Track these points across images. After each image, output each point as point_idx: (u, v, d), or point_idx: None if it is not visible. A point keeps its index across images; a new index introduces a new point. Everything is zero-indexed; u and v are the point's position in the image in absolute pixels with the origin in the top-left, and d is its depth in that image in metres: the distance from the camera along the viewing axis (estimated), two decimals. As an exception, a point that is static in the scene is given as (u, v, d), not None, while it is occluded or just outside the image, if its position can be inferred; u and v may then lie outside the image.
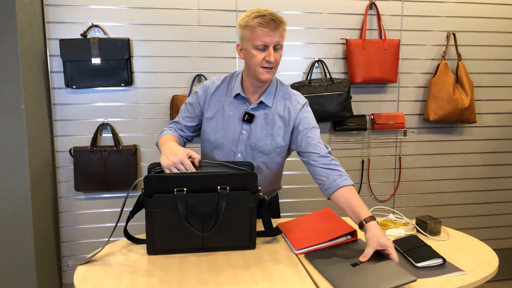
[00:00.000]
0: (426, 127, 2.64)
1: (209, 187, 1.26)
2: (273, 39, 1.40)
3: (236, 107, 1.55)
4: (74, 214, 2.33)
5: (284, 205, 2.53)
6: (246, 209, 1.31)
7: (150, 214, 1.27)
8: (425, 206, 2.70)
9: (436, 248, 1.35)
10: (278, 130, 1.54)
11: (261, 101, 1.53)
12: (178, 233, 1.28)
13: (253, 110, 1.54)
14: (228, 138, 1.55)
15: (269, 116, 1.54)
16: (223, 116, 1.56)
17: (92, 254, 1.28)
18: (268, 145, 1.54)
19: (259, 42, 1.39)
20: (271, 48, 1.40)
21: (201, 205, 1.26)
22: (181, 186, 1.25)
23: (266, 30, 1.38)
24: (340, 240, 1.35)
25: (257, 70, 1.44)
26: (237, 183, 1.28)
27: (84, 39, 2.17)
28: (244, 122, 1.53)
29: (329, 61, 2.47)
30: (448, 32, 2.57)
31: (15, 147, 1.94)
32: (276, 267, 1.22)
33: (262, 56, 1.41)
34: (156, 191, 1.24)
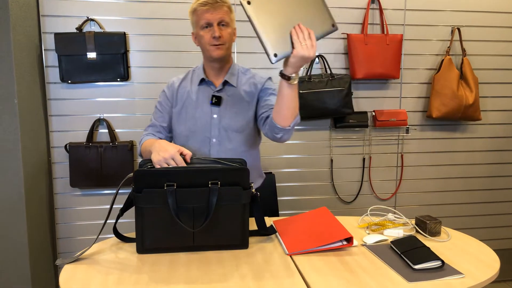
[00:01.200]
0: (429, 124, 2.58)
1: (200, 182, 1.23)
2: (215, 16, 1.47)
3: (203, 93, 1.60)
4: (70, 211, 2.30)
5: (283, 203, 2.49)
6: (238, 206, 1.27)
7: (140, 210, 1.23)
8: (428, 205, 2.65)
9: (435, 249, 1.31)
10: (247, 106, 1.60)
11: (226, 80, 1.58)
12: (169, 230, 1.24)
13: (219, 92, 1.59)
14: (200, 124, 1.58)
15: (236, 95, 1.59)
16: (191, 104, 1.59)
17: (80, 253, 1.25)
18: (240, 121, 1.58)
19: (203, 21, 1.48)
20: (215, 24, 1.47)
21: (191, 201, 1.23)
22: (171, 181, 1.22)
23: (206, 8, 1.46)
24: (334, 245, 1.30)
25: (208, 49, 1.51)
26: (228, 178, 1.25)
27: (79, 33, 2.13)
28: (213, 105, 1.57)
29: (329, 56, 2.41)
30: (452, 26, 2.51)
31: (8, 142, 1.91)
32: (267, 266, 1.18)
33: (209, 35, 1.48)
34: (146, 186, 1.21)
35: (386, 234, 1.43)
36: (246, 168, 1.27)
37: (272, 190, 2.34)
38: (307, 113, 2.32)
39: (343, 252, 1.29)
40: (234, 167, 1.27)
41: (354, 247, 1.33)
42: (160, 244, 1.25)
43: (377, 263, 1.21)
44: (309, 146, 2.48)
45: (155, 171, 1.22)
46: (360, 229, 1.50)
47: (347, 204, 2.57)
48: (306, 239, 1.33)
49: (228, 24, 1.51)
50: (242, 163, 1.35)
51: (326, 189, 2.54)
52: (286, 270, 1.17)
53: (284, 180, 2.48)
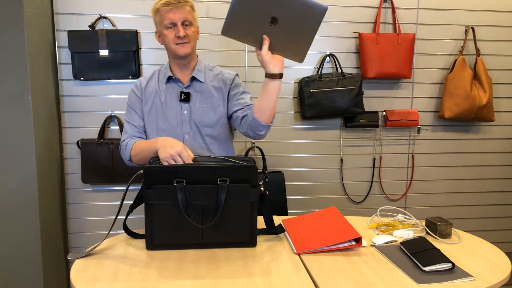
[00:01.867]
0: (441, 124, 2.55)
1: (209, 179, 1.24)
2: (179, 16, 1.49)
3: (172, 90, 1.61)
4: (81, 206, 2.33)
5: (292, 202, 2.49)
6: (246, 203, 1.28)
7: (150, 206, 1.24)
8: (438, 207, 2.62)
9: (445, 251, 1.29)
10: (217, 101, 1.62)
11: (193, 76, 1.60)
12: (178, 227, 1.25)
13: (187, 88, 1.61)
14: (171, 122, 1.59)
15: (204, 91, 1.61)
16: (160, 103, 1.60)
17: (91, 248, 1.26)
18: (211, 117, 1.60)
19: (166, 21, 1.50)
20: (179, 24, 1.50)
21: (200, 197, 1.24)
22: (180, 177, 1.23)
23: (169, 8, 1.48)
24: (343, 245, 1.30)
25: (173, 48, 1.53)
26: (237, 175, 1.26)
27: (92, 31, 2.15)
28: (182, 102, 1.59)
29: (340, 55, 2.40)
30: (466, 26, 2.47)
31: (22, 138, 1.94)
32: (275, 264, 1.18)
33: (173, 34, 1.51)
34: (156, 183, 1.22)
35: (395, 235, 1.42)
36: (255, 166, 1.27)
37: (281, 189, 2.34)
38: (317, 112, 2.31)
39: (351, 252, 1.28)
40: (243, 165, 1.27)
41: (363, 247, 1.33)
42: (169, 241, 1.26)
43: (386, 264, 1.21)
44: (319, 145, 2.47)
45: (165, 168, 1.23)
46: (369, 229, 1.49)
47: (356, 204, 2.56)
48: (315, 238, 1.33)
49: (192, 23, 1.53)
50: (251, 162, 1.35)
51: (335, 189, 2.53)
52: (294, 269, 1.16)
53: (294, 179, 2.48)
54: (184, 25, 1.51)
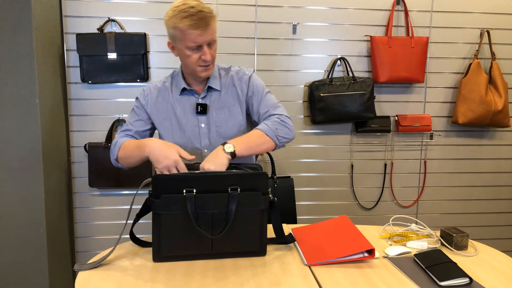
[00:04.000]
0: (454, 130, 2.49)
1: (219, 188, 1.20)
2: (206, 38, 1.35)
3: (186, 102, 1.50)
4: (88, 210, 2.32)
5: (301, 207, 2.45)
6: (256, 211, 1.24)
7: (157, 216, 1.21)
8: (451, 214, 2.56)
9: (462, 264, 1.24)
10: (236, 109, 1.50)
11: (209, 86, 1.49)
12: (186, 238, 1.22)
13: (203, 99, 1.49)
14: (188, 136, 1.49)
15: (222, 100, 1.50)
16: (175, 115, 1.50)
17: (98, 260, 1.22)
18: (231, 127, 1.50)
19: (192, 43, 1.35)
20: (205, 47, 1.36)
21: (210, 207, 1.20)
22: (190, 186, 1.19)
23: (197, 32, 1.32)
24: (355, 257, 1.25)
25: (195, 69, 1.41)
26: (247, 183, 1.22)
27: (100, 34, 2.14)
28: (198, 114, 1.48)
29: (352, 58, 2.36)
30: (481, 29, 2.41)
31: (29, 141, 1.93)
32: (284, 277, 1.15)
33: (198, 56, 1.37)
34: (164, 192, 1.19)
35: (409, 246, 1.37)
36: (265, 173, 1.24)
37: (290, 195, 2.29)
38: (328, 116, 2.27)
39: (364, 264, 1.24)
40: (253, 173, 1.24)
41: (376, 259, 1.28)
42: (177, 252, 1.23)
43: (399, 277, 1.16)
44: (329, 150, 2.42)
45: (174, 177, 1.20)
46: (382, 239, 1.45)
47: (367, 211, 2.51)
48: (326, 249, 1.29)
49: (216, 41, 1.41)
50: (258, 168, 1.32)
51: (345, 195, 2.48)
52: (305, 282, 1.12)
53: (303, 185, 2.44)
54: (209, 46, 1.38)
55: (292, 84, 2.35)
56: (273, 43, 2.31)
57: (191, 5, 1.33)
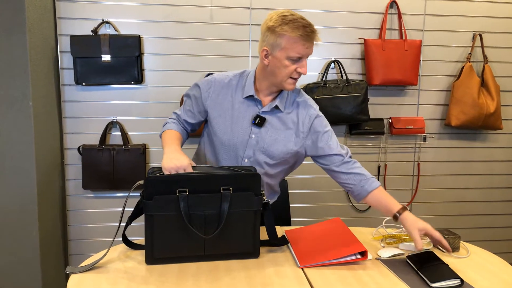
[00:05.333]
0: (447, 132, 2.51)
1: (211, 188, 1.21)
2: (309, 51, 1.36)
3: (247, 108, 1.47)
4: (82, 213, 2.31)
5: (295, 210, 2.45)
6: (249, 212, 1.24)
7: (150, 218, 1.21)
8: (444, 216, 2.58)
9: (454, 266, 1.25)
10: (290, 136, 1.48)
11: (276, 105, 1.45)
12: (179, 239, 1.22)
13: (264, 113, 1.46)
14: (236, 141, 1.47)
15: (281, 121, 1.47)
16: (231, 117, 1.47)
17: (92, 263, 1.21)
18: (279, 150, 1.47)
19: (296, 54, 1.33)
20: (305, 60, 1.36)
21: (203, 207, 1.21)
22: (183, 187, 1.19)
23: (307, 44, 1.33)
24: (348, 259, 1.26)
25: (285, 80, 1.38)
26: (240, 184, 1.22)
27: (94, 36, 2.13)
28: (254, 125, 1.45)
29: (346, 61, 2.37)
30: (474, 32, 2.44)
31: (22, 143, 1.92)
32: (277, 278, 1.15)
33: (294, 67, 1.36)
34: (157, 193, 1.19)
35: (401, 248, 1.38)
36: (258, 174, 1.25)
37: (284, 197, 2.30)
38: (322, 119, 2.27)
39: (356, 266, 1.25)
40: (246, 173, 1.24)
41: (368, 260, 1.29)
42: (170, 254, 1.23)
43: (392, 279, 1.17)
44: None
45: (166, 178, 1.20)
46: (375, 241, 1.45)
47: (360, 213, 2.52)
48: (319, 251, 1.29)
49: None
50: (251, 170, 1.32)
51: (339, 197, 2.49)
52: (298, 284, 1.13)
53: (297, 187, 2.44)
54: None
55: (287, 87, 2.36)
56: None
57: (301, 17, 1.34)
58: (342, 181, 1.48)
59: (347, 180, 1.46)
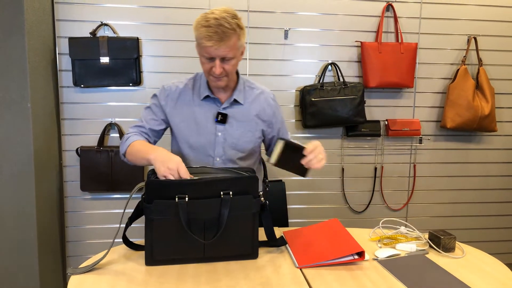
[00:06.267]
0: (443, 134, 2.54)
1: (211, 193, 1.21)
2: (218, 52, 1.32)
3: (207, 109, 1.50)
4: (80, 214, 2.31)
5: (292, 211, 2.47)
6: (248, 215, 1.26)
7: (150, 221, 1.21)
8: (440, 217, 2.60)
9: (449, 266, 1.27)
10: (255, 125, 1.54)
11: (235, 99, 1.50)
12: (179, 242, 1.23)
13: (225, 109, 1.50)
14: (203, 142, 1.49)
15: (243, 113, 1.52)
16: (194, 120, 1.49)
17: (92, 263, 1.22)
18: (247, 142, 1.53)
19: (205, 53, 1.35)
20: (217, 60, 1.34)
21: (203, 212, 1.21)
22: (183, 192, 1.20)
23: (210, 44, 1.30)
24: (345, 259, 1.27)
25: (207, 77, 1.44)
26: (239, 187, 1.23)
27: (93, 38, 2.14)
28: (217, 123, 1.49)
29: (342, 64, 2.39)
30: (469, 36, 2.47)
31: (21, 145, 1.92)
32: (276, 279, 1.16)
33: (210, 66, 1.37)
34: (157, 197, 1.20)
35: (398, 249, 1.40)
36: (255, 176, 1.26)
37: (282, 198, 2.31)
38: (319, 121, 2.29)
39: (354, 267, 1.26)
40: (244, 176, 1.25)
41: (366, 261, 1.31)
42: (169, 256, 1.24)
43: (389, 279, 1.18)
44: (320, 154, 2.44)
45: (167, 183, 1.20)
46: (372, 242, 1.47)
47: (357, 214, 2.54)
48: (317, 251, 1.31)
49: (233, 57, 1.36)
50: (250, 171, 1.33)
51: (336, 198, 2.50)
52: (296, 284, 1.14)
53: (294, 188, 2.46)
54: (224, 61, 1.36)
55: (284, 89, 2.38)
56: (265, 48, 2.33)
57: (215, 16, 1.31)
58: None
59: None
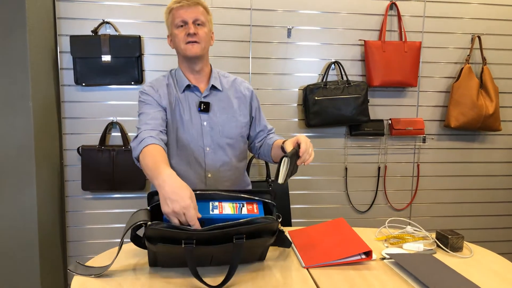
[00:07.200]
0: (446, 134, 2.52)
1: (223, 239, 1.08)
2: (190, 15, 1.44)
3: (189, 100, 1.52)
4: (81, 214, 2.29)
5: (295, 211, 2.45)
6: (263, 247, 1.19)
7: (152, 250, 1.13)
8: (444, 217, 2.59)
9: (457, 266, 1.26)
10: (238, 110, 1.57)
11: (212, 85, 1.53)
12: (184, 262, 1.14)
13: (206, 97, 1.53)
14: (192, 133, 1.50)
15: (224, 99, 1.55)
16: (180, 113, 1.50)
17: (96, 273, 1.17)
18: (233, 127, 1.54)
19: (178, 19, 1.45)
20: (190, 22, 1.44)
21: (211, 256, 1.13)
22: (189, 238, 1.04)
23: (180, 5, 1.44)
24: (353, 259, 1.25)
25: (183, 48, 1.46)
26: (256, 231, 1.10)
27: (94, 36, 2.12)
28: (201, 112, 1.51)
29: (346, 62, 2.37)
30: (472, 34, 2.45)
31: (21, 144, 1.90)
32: (284, 279, 1.14)
33: (184, 32, 1.45)
34: (161, 241, 1.06)
35: (405, 248, 1.38)
36: (276, 221, 1.13)
37: (285, 198, 2.30)
38: (322, 120, 2.28)
39: (361, 266, 1.24)
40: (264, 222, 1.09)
41: (373, 261, 1.29)
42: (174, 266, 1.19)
43: (397, 279, 1.16)
44: (323, 153, 2.43)
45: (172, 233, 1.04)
46: (378, 241, 1.45)
47: (360, 214, 2.52)
48: (323, 251, 1.29)
49: (204, 24, 1.47)
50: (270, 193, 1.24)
51: (339, 198, 2.49)
52: (304, 284, 1.12)
53: (297, 188, 2.44)
54: (196, 25, 1.45)
55: (287, 88, 2.36)
56: (268, 46, 2.31)
57: None
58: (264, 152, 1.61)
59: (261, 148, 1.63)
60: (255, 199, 1.24)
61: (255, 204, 1.23)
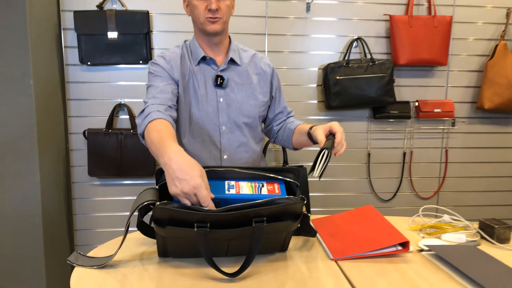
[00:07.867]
0: (478, 116, 2.34)
1: (240, 221, 0.95)
2: None
3: (205, 74, 1.38)
4: (88, 201, 2.18)
5: (314, 199, 2.30)
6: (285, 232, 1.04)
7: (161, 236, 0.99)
8: (474, 206, 2.42)
9: (505, 258, 1.10)
10: (258, 88, 1.44)
11: (231, 58, 1.39)
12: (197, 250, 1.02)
13: (223, 71, 1.39)
14: (207, 109, 1.36)
15: (243, 75, 1.41)
16: (194, 87, 1.36)
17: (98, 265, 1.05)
18: (252, 106, 1.41)
19: None
20: None
21: (227, 241, 0.98)
22: (203, 221, 0.92)
23: None
24: (387, 250, 1.10)
25: (202, 22, 1.31)
26: (279, 212, 0.97)
27: (100, 11, 1.99)
28: (217, 87, 1.37)
29: (370, 39, 2.20)
30: (508, 8, 2.26)
31: (23, 127, 1.79)
32: (310, 273, 1.00)
33: (204, 5, 1.29)
34: (170, 223, 0.94)
35: (444, 239, 1.22)
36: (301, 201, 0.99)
37: (303, 185, 2.15)
38: (344, 101, 2.12)
39: (397, 259, 1.09)
40: (287, 203, 0.96)
41: (410, 252, 1.14)
42: (185, 256, 1.06)
43: (440, 273, 1.01)
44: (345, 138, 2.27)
45: (183, 213, 0.91)
46: (412, 231, 1.30)
47: (384, 202, 2.36)
48: (353, 242, 1.14)
49: None
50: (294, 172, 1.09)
51: (361, 186, 2.33)
52: (332, 278, 0.98)
53: (316, 175, 2.29)
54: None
55: (305, 67, 2.20)
56: (285, 22, 2.15)
57: None
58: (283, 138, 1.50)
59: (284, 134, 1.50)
60: (277, 178, 1.09)
61: (276, 183, 1.09)
